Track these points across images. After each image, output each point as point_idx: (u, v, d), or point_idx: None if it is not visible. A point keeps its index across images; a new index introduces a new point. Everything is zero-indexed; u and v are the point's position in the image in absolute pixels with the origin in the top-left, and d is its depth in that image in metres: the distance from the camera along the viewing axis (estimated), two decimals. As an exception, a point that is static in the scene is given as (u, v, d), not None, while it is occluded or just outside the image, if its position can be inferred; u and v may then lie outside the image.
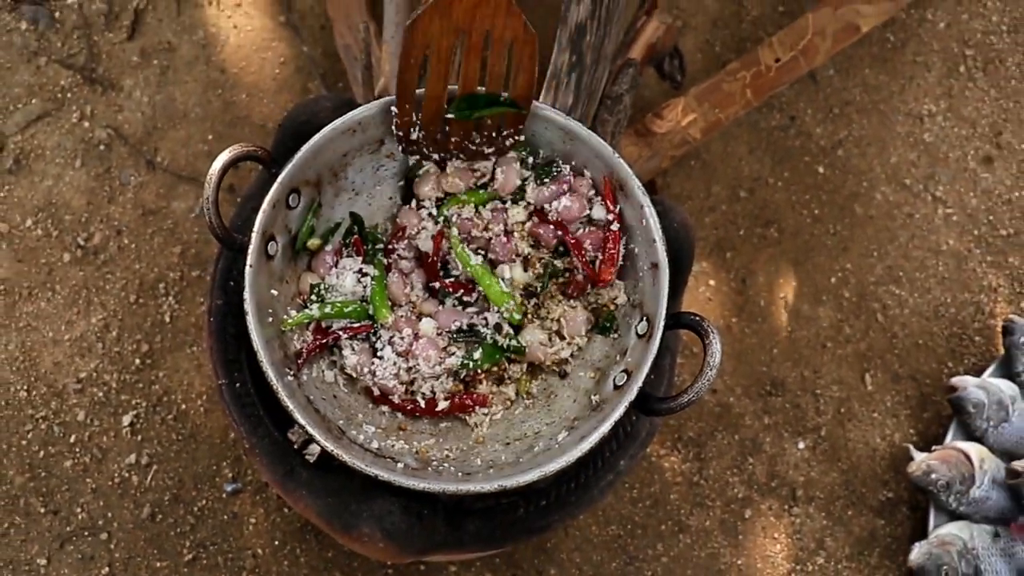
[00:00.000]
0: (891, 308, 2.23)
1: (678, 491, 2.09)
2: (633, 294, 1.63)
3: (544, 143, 1.66)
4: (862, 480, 2.13)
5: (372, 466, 1.45)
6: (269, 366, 1.48)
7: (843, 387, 2.17)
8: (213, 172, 1.49)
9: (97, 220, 2.16)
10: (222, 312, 1.65)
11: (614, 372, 1.59)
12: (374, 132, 1.63)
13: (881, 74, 2.39)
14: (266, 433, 1.60)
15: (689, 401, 1.46)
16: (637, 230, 1.60)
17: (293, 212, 1.60)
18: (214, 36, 2.29)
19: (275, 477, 1.59)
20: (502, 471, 1.52)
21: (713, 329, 1.47)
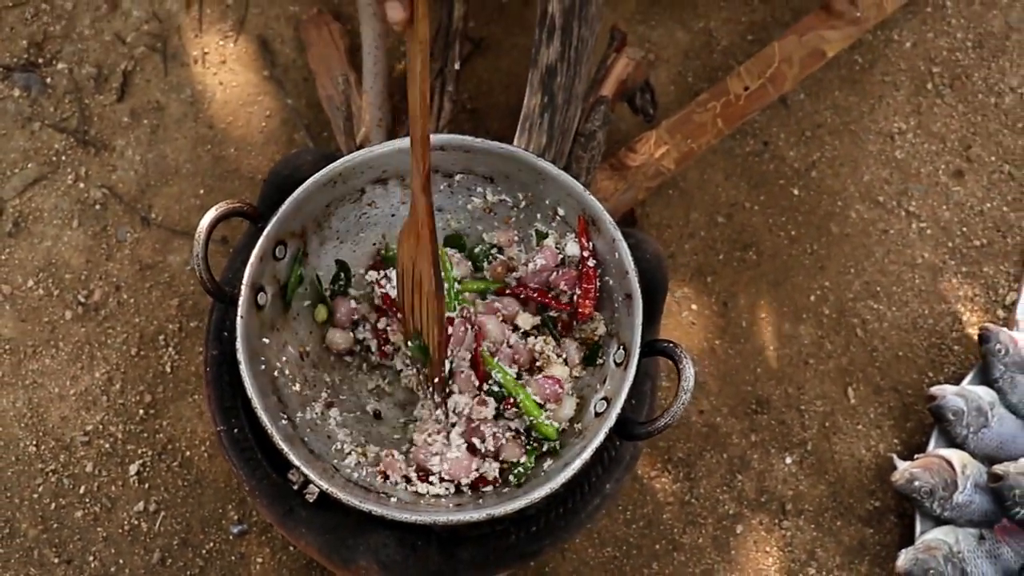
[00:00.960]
0: (870, 322, 2.29)
1: (670, 511, 2.15)
2: (610, 324, 1.70)
3: (519, 184, 1.73)
4: (849, 491, 2.18)
5: (366, 502, 1.52)
6: (263, 412, 1.55)
7: (827, 401, 2.24)
8: (201, 230, 1.56)
9: (96, 277, 2.24)
10: (218, 361, 1.71)
11: (594, 400, 1.66)
12: (355, 182, 1.71)
13: (851, 95, 2.47)
14: (265, 475, 1.66)
15: (666, 425, 1.52)
16: (611, 263, 1.67)
17: (280, 263, 1.67)
18: (201, 93, 2.37)
19: (276, 517, 1.65)
20: (491, 500, 1.59)
21: (685, 355, 1.54)
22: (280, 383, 1.66)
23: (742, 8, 2.52)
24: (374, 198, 1.75)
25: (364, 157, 1.68)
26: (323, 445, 1.65)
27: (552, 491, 1.53)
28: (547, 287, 1.73)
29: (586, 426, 1.64)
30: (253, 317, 1.62)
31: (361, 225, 1.77)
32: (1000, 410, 2.15)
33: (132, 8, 2.44)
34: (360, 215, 1.76)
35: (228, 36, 2.43)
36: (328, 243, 1.75)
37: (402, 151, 1.68)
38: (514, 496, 1.54)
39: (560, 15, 1.90)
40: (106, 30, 2.42)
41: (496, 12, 2.48)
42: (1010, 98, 2.47)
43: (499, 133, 1.92)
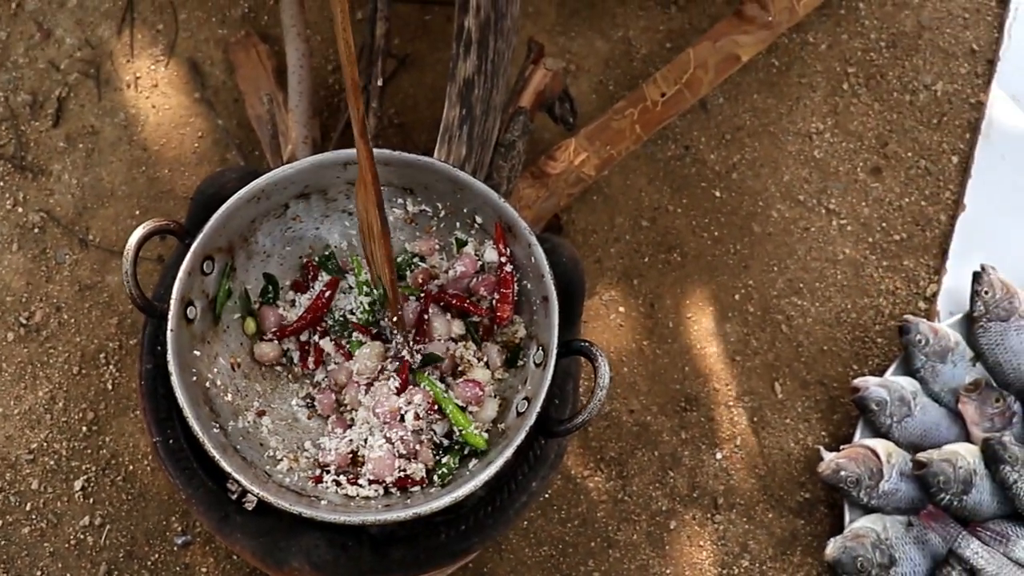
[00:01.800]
0: (795, 318, 2.37)
1: (604, 509, 2.21)
2: (530, 327, 1.76)
3: (438, 194, 1.79)
4: (779, 484, 2.25)
5: (296, 504, 1.57)
6: (195, 421, 1.60)
7: (755, 397, 2.30)
8: (129, 248, 1.62)
9: (37, 299, 2.28)
10: (152, 375, 1.76)
11: (516, 400, 1.72)
12: (278, 198, 1.76)
13: (769, 98, 2.54)
14: (201, 483, 1.71)
15: (584, 421, 1.59)
16: (528, 268, 1.73)
17: (209, 278, 1.72)
18: (134, 117, 2.42)
19: (212, 523, 1.70)
20: (417, 499, 1.64)
21: (600, 353, 1.60)
22: (212, 394, 1.71)
23: (660, 16, 2.60)
24: (297, 213, 1.81)
25: (285, 173, 1.73)
26: (256, 452, 1.70)
27: (475, 489, 1.59)
28: (467, 293, 1.79)
29: (509, 426, 1.70)
30: (183, 330, 1.67)
31: (287, 239, 1.82)
32: (923, 399, 2.22)
33: (65, 36, 2.49)
34: (285, 229, 1.81)
35: (159, 60, 2.48)
36: (255, 257, 1.80)
37: (322, 166, 1.75)
38: (439, 495, 1.60)
39: (476, 29, 1.96)
40: (40, 58, 2.47)
41: (420, 29, 2.54)
42: (924, 95, 2.55)
43: (426, 146, 1.98)
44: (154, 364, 1.77)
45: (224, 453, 1.60)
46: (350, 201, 1.82)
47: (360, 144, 1.56)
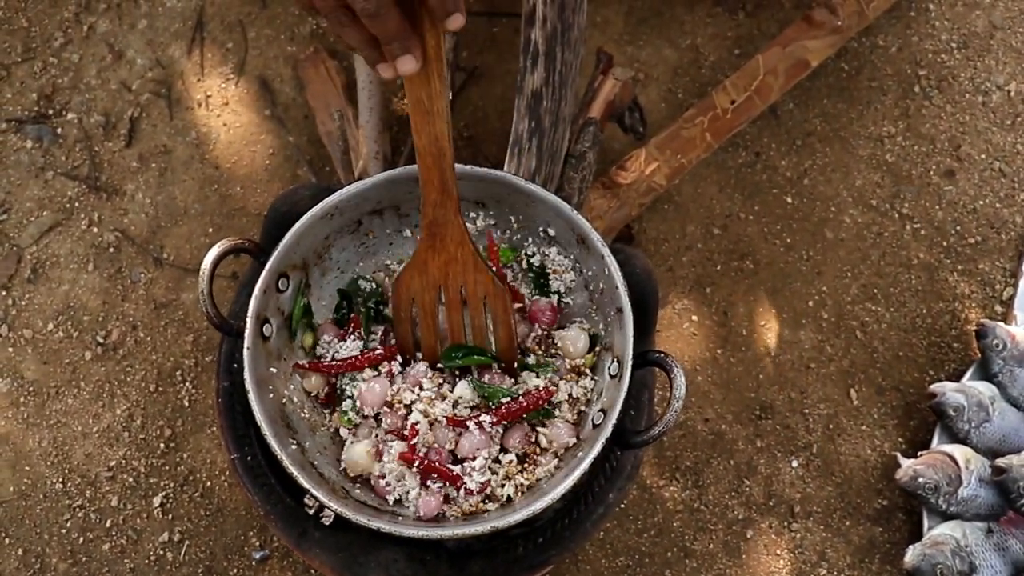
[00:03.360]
0: (869, 324, 2.34)
1: (680, 518, 2.20)
2: (605, 338, 1.75)
3: (510, 207, 1.79)
4: (857, 491, 2.22)
5: (374, 520, 1.57)
6: (272, 438, 1.61)
7: (830, 404, 2.28)
8: (204, 268, 1.63)
9: (113, 318, 2.31)
10: (228, 392, 1.78)
11: (592, 412, 1.72)
12: (351, 214, 1.77)
13: (839, 102, 2.52)
14: (279, 500, 1.72)
15: (660, 432, 1.58)
16: (601, 279, 1.72)
17: (284, 295, 1.73)
18: (206, 135, 2.45)
19: (290, 539, 1.71)
20: (494, 514, 1.64)
21: (675, 364, 1.59)
22: (288, 410, 1.72)
23: (728, 23, 2.58)
24: (371, 228, 1.81)
25: (358, 189, 1.74)
26: (333, 468, 1.71)
27: (553, 502, 1.58)
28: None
29: (585, 438, 1.70)
30: (259, 348, 1.68)
31: (360, 255, 1.83)
32: (1001, 404, 2.18)
33: (136, 56, 2.52)
34: (359, 245, 1.82)
35: (229, 78, 2.51)
36: (329, 274, 1.81)
37: (395, 181, 1.75)
38: (516, 509, 1.60)
39: (543, 42, 1.96)
40: (112, 79, 2.50)
41: (488, 41, 2.55)
42: (997, 96, 2.52)
43: (496, 158, 1.98)
44: (230, 382, 1.79)
45: (302, 470, 1.61)
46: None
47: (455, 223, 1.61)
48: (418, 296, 1.70)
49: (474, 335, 1.73)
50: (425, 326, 1.73)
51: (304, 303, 1.77)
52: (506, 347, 1.73)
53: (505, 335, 1.72)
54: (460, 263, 1.66)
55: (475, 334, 1.73)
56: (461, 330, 1.73)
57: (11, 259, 2.35)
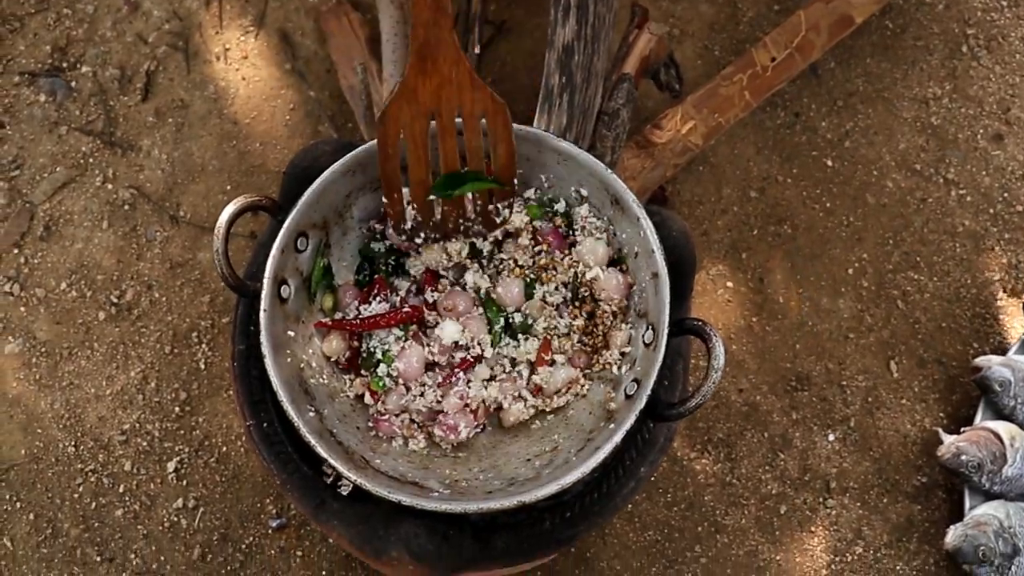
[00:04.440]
0: (911, 294, 2.25)
1: (712, 492, 2.12)
2: (638, 304, 1.67)
3: (540, 165, 1.71)
4: (895, 467, 2.14)
5: (395, 492, 1.50)
6: (290, 404, 1.54)
7: (869, 376, 2.19)
8: (220, 226, 1.55)
9: (128, 277, 2.24)
10: (244, 356, 1.71)
11: (625, 382, 1.63)
12: (374, 171, 1.68)
13: (883, 62, 2.42)
14: (295, 469, 1.65)
15: (697, 405, 1.49)
16: (636, 242, 1.64)
17: (303, 255, 1.65)
18: (224, 90, 2.37)
19: (308, 510, 1.64)
20: (523, 487, 1.56)
21: (715, 333, 1.51)
22: (307, 375, 1.64)
23: (768, -22, 2.49)
24: (395, 185, 1.73)
25: (382, 144, 1.66)
26: (352, 436, 1.64)
27: (583, 476, 1.51)
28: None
29: (617, 409, 1.62)
30: (277, 310, 1.61)
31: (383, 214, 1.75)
32: (1049, 378, 2.10)
33: (152, 8, 2.44)
34: (382, 204, 1.73)
35: (248, 31, 2.42)
36: (351, 233, 1.73)
37: (420, 137, 1.67)
38: (544, 483, 1.52)
39: (576, -7, 1.87)
40: (128, 31, 2.42)
41: (517, -6, 2.46)
42: (1049, 58, 2.42)
43: (525, 115, 1.89)
44: (247, 345, 1.71)
45: (320, 438, 1.54)
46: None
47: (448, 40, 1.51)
48: (407, 127, 1.58)
49: (471, 158, 1.63)
50: (414, 157, 1.61)
51: (324, 263, 1.70)
52: (506, 163, 1.63)
53: (505, 151, 1.62)
54: (455, 84, 1.56)
55: (472, 156, 1.62)
56: (456, 156, 1.62)
57: (24, 216, 2.28)
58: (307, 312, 1.68)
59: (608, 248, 1.69)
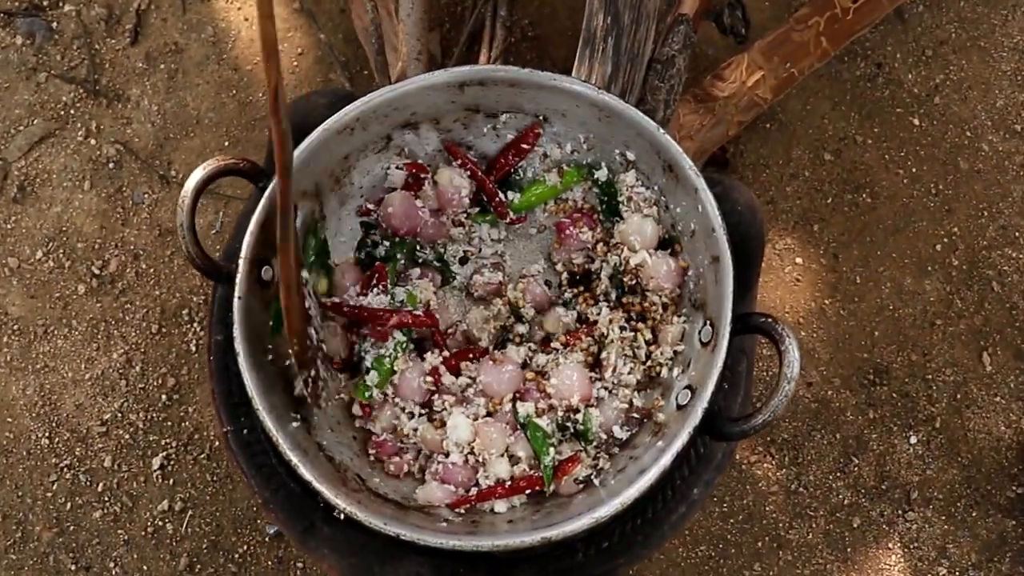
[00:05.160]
0: (1008, 275, 1.98)
1: (774, 502, 1.85)
2: (694, 293, 1.39)
3: (579, 123, 1.43)
4: (986, 475, 1.88)
5: (392, 524, 1.24)
6: (267, 413, 1.28)
7: (958, 370, 1.93)
8: (185, 195, 1.29)
9: (112, 245, 1.99)
10: (223, 348, 1.44)
11: (677, 388, 1.36)
12: (377, 128, 1.41)
13: (979, 5, 2.14)
14: (280, 484, 1.39)
15: (765, 422, 1.23)
16: (693, 218, 1.36)
17: (290, 229, 1.38)
18: (224, 32, 2.10)
19: (294, 534, 1.38)
20: (550, 516, 1.30)
21: (789, 332, 1.24)
22: (294, 373, 1.38)
23: (849, -94, 2.18)
24: (404, 145, 1.45)
25: (385, 98, 1.38)
26: (346, 449, 1.38)
27: (623, 507, 1.24)
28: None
29: (667, 421, 1.34)
30: (256, 297, 1.34)
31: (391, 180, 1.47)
32: None
33: (144, -62, 2.18)
34: (388, 166, 1.46)
35: (252, -36, 2.16)
36: (350, 202, 1.46)
37: (432, 88, 1.38)
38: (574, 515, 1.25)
39: (625, -84, 1.58)
40: (117, -37, 2.16)
41: (559, -78, 2.18)
42: None
43: (566, 63, 1.64)
44: (225, 335, 1.44)
45: (304, 455, 1.28)
46: (468, 132, 1.47)
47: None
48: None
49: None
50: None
51: (320, 238, 1.43)
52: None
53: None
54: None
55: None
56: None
57: (-3, 174, 2.04)
58: (296, 297, 1.41)
59: (659, 227, 1.40)
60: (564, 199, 1.48)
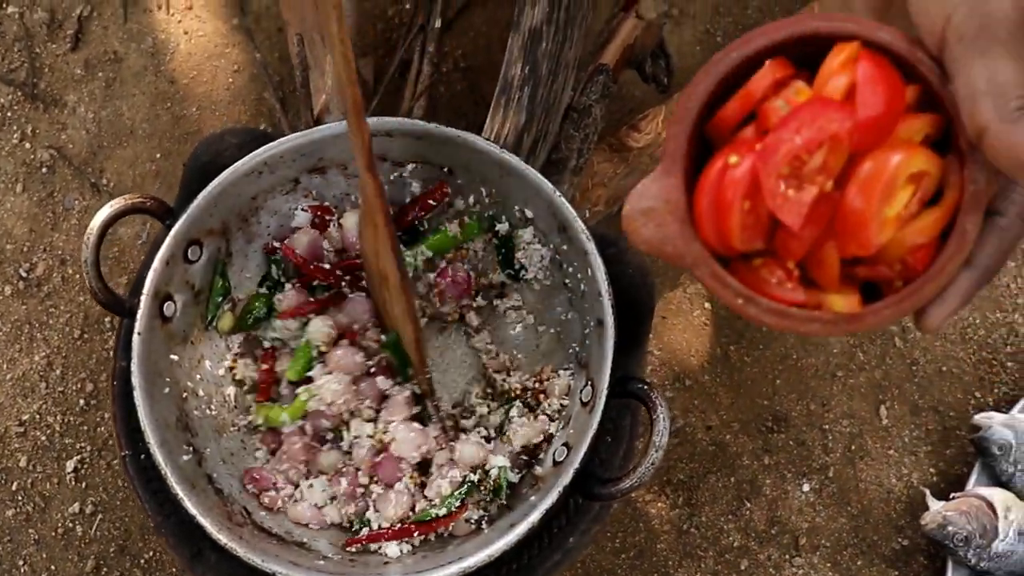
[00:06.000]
0: (911, 331, 2.00)
1: (666, 540, 1.89)
2: (580, 352, 1.44)
3: (481, 177, 1.47)
4: (874, 526, 1.91)
5: (270, 561, 1.29)
6: (158, 447, 1.33)
7: (855, 421, 1.96)
8: (91, 232, 1.34)
9: (40, 249, 2.01)
10: (126, 375, 1.48)
11: (556, 444, 1.41)
12: (286, 172, 1.45)
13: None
14: (173, 510, 1.43)
15: (631, 487, 1.28)
16: (584, 280, 1.40)
17: (194, 265, 1.42)
18: (163, 43, 2.11)
19: (183, 558, 1.42)
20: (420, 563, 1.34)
21: (662, 403, 1.29)
22: (190, 406, 1.42)
23: (784, -43, 2.21)
24: (311, 188, 1.49)
25: (294, 144, 1.42)
26: (236, 482, 1.42)
27: (491, 558, 1.29)
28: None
29: (544, 475, 1.39)
30: (157, 332, 1.38)
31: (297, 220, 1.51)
32: (1057, 446, 1.86)
33: (91, -56, 2.19)
34: (295, 208, 1.50)
35: (196, -22, 2.17)
36: (257, 240, 1.49)
37: (340, 137, 1.42)
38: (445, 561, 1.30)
39: (549, -31, 1.62)
40: (63, -32, 2.17)
41: (499, -44, 2.19)
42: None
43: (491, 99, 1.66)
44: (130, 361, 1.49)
45: (192, 489, 1.33)
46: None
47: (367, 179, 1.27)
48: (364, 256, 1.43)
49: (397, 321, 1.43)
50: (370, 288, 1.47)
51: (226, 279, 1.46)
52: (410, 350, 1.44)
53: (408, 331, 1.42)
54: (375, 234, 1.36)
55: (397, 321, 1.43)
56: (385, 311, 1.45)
57: (-69, 170, 2.05)
58: (198, 331, 1.46)
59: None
60: (465, 248, 1.52)
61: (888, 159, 0.75)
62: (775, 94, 0.80)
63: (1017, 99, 0.73)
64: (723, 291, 0.81)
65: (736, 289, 0.80)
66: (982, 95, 0.73)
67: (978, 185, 0.77)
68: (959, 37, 0.75)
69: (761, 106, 0.81)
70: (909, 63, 0.79)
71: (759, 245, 0.81)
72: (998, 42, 0.73)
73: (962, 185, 0.77)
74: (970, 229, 0.77)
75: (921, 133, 0.79)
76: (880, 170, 0.75)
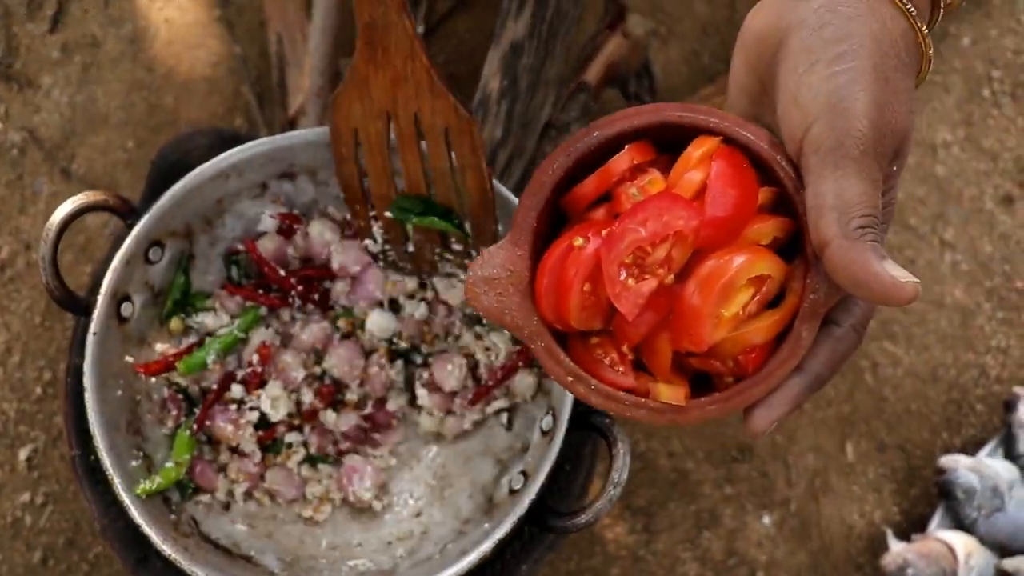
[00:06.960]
0: (883, 367, 1.99)
1: (621, 566, 1.88)
2: (544, 378, 1.42)
3: (454, 193, 1.44)
4: (833, 563, 1.90)
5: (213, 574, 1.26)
6: (107, 452, 1.30)
7: (820, 455, 1.94)
8: (49, 229, 1.31)
9: (5, 232, 1.98)
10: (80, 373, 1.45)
11: (512, 471, 1.38)
12: (253, 176, 1.42)
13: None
14: (119, 514, 1.41)
15: (587, 522, 1.25)
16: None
17: (155, 266, 1.39)
18: (143, 30, 2.08)
19: (127, 563, 1.41)
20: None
21: (623, 437, 1.27)
22: (143, 410, 1.39)
23: (775, -19, 2.18)
24: (280, 194, 1.46)
25: (263, 150, 1.39)
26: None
27: (440, 587, 1.27)
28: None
29: (499, 502, 1.37)
30: (113, 332, 1.35)
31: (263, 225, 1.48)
32: (1020, 491, 1.83)
33: (74, -76, 2.15)
34: (261, 213, 1.46)
35: (180, -35, 2.14)
36: (220, 244, 1.46)
37: (312, 144, 1.39)
38: (393, 586, 1.28)
39: (534, -18, 1.59)
40: (45, -53, 2.14)
41: (485, -38, 2.17)
42: (1081, 116, 2.13)
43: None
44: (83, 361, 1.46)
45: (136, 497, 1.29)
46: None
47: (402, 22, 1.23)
48: (360, 127, 1.30)
49: (436, 183, 1.32)
50: (372, 166, 1.33)
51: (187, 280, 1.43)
52: (478, 200, 1.31)
53: (475, 182, 1.30)
54: (412, 83, 1.25)
55: (437, 181, 1.32)
56: (420, 173, 1.33)
57: (-100, 145, 2.02)
58: (155, 333, 1.43)
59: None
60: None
61: (730, 261, 0.76)
62: (632, 179, 0.82)
63: (860, 218, 0.75)
64: (555, 368, 0.82)
65: (567, 367, 0.82)
66: (828, 209, 0.75)
67: (818, 295, 0.78)
68: (815, 148, 0.76)
69: (616, 189, 0.82)
70: (768, 165, 0.80)
71: (598, 325, 0.82)
72: (850, 159, 0.75)
73: (803, 292, 0.79)
74: (805, 336, 0.79)
75: (770, 236, 0.80)
76: (721, 271, 0.76)
